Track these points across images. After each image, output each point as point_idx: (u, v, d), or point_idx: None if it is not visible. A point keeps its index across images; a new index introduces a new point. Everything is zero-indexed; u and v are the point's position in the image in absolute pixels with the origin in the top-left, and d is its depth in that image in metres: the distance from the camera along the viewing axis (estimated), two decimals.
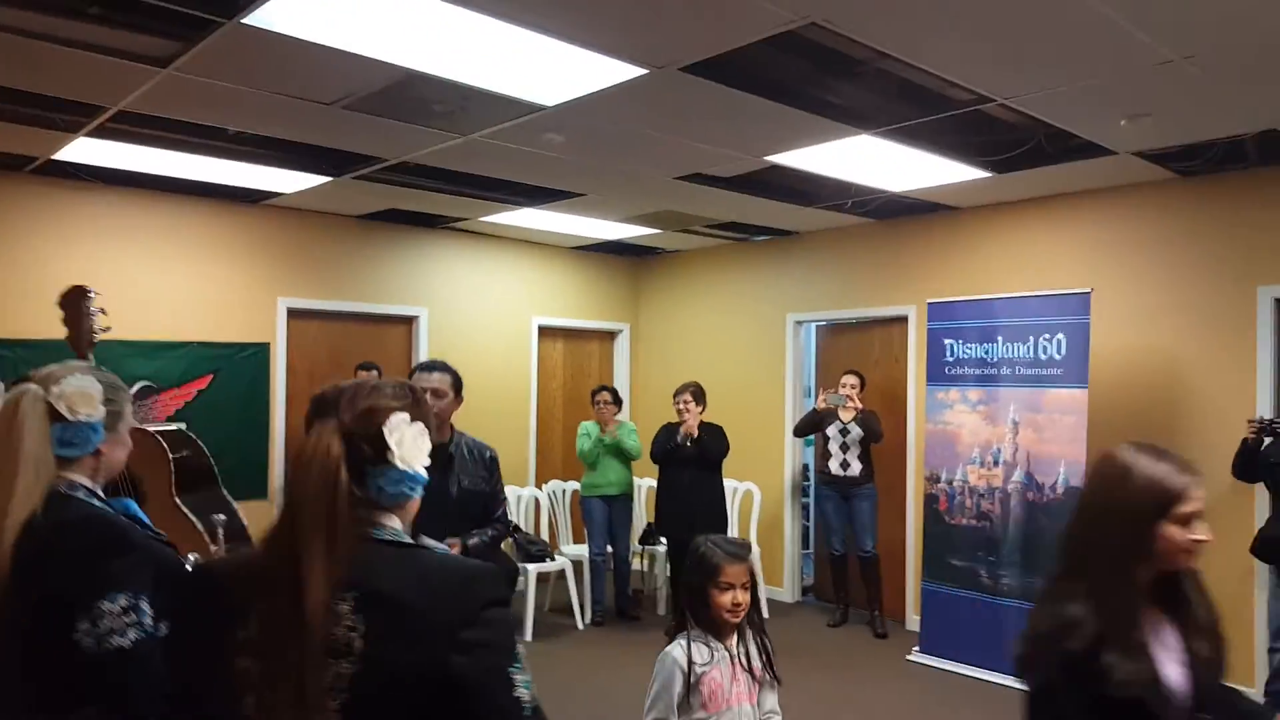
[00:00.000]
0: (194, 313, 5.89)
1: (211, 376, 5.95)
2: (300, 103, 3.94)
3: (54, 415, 1.70)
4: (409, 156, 4.87)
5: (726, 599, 2.41)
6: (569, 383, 7.81)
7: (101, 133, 4.47)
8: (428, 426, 1.37)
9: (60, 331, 3.45)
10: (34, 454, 1.67)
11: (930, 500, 5.64)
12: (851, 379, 6.23)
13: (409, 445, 1.31)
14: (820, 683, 5.21)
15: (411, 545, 1.32)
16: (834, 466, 6.25)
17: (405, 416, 1.32)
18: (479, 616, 1.23)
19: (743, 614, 2.45)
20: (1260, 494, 4.78)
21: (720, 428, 6.14)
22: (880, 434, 6.13)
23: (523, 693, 1.24)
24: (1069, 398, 5.05)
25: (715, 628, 2.46)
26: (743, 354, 7.43)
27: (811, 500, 7.09)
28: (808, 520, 7.47)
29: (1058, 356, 5.12)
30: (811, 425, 6.41)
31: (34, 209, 5.34)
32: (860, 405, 6.17)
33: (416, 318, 6.89)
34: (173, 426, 4.86)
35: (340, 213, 6.43)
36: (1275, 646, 4.52)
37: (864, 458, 6.17)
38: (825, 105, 3.97)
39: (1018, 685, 5.15)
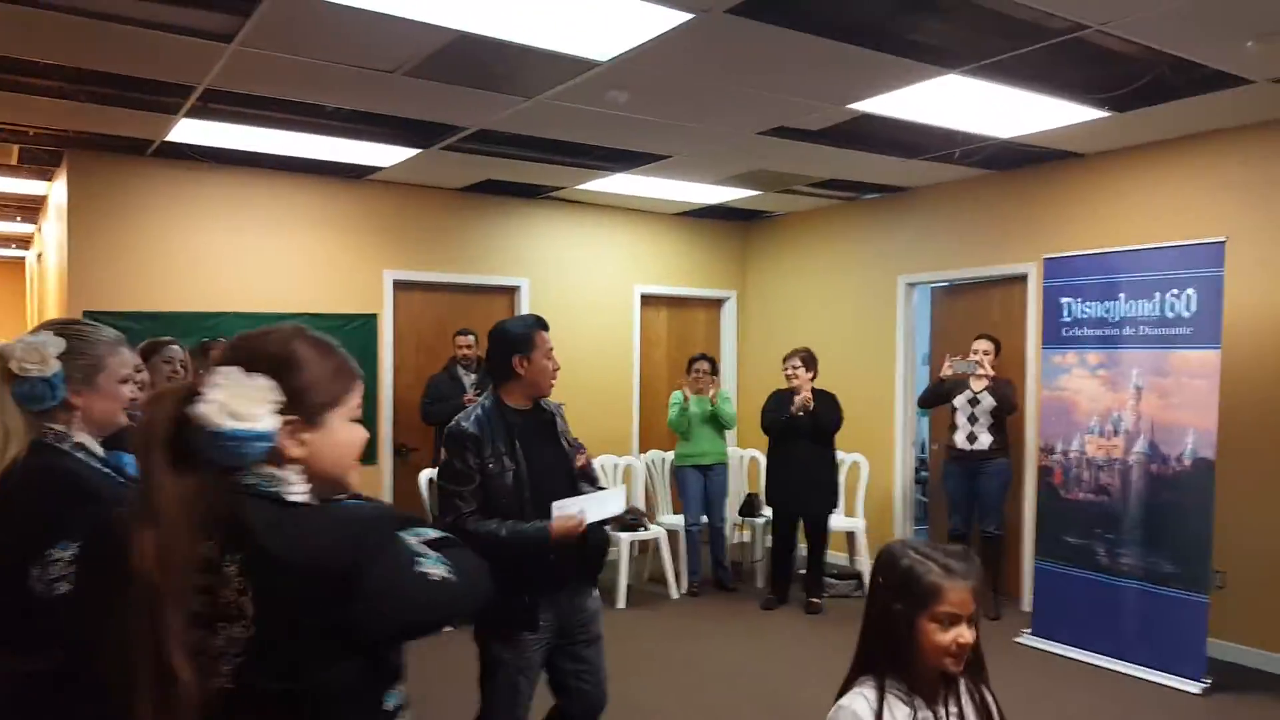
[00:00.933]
0: (305, 286, 6.14)
1: None
2: (362, 71, 3.99)
3: (10, 375, 1.76)
4: (486, 124, 4.87)
5: (947, 638, 1.61)
6: (673, 352, 7.68)
7: (199, 113, 4.70)
8: (308, 377, 1.28)
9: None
10: None
11: (1045, 473, 5.22)
12: (984, 344, 5.68)
13: (223, 403, 1.19)
14: None
15: (294, 502, 1.25)
16: (960, 439, 5.71)
17: (232, 372, 1.23)
18: (367, 567, 1.18)
19: (965, 659, 1.65)
20: None
21: (834, 396, 5.91)
22: (1015, 405, 5.58)
23: (437, 570, 1.26)
24: (1198, 360, 4.54)
25: (921, 678, 1.67)
26: (852, 319, 7.11)
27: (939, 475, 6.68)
28: (924, 495, 7.11)
29: (1186, 314, 4.61)
30: (938, 396, 5.90)
31: (156, 189, 5.70)
32: (993, 373, 5.63)
33: (518, 288, 6.95)
34: None
35: (441, 185, 6.54)
36: None
37: (996, 429, 5.61)
38: (899, 42, 3.67)
39: (1134, 671, 4.71)
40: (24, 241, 9.37)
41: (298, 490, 1.25)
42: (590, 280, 7.25)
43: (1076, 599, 4.99)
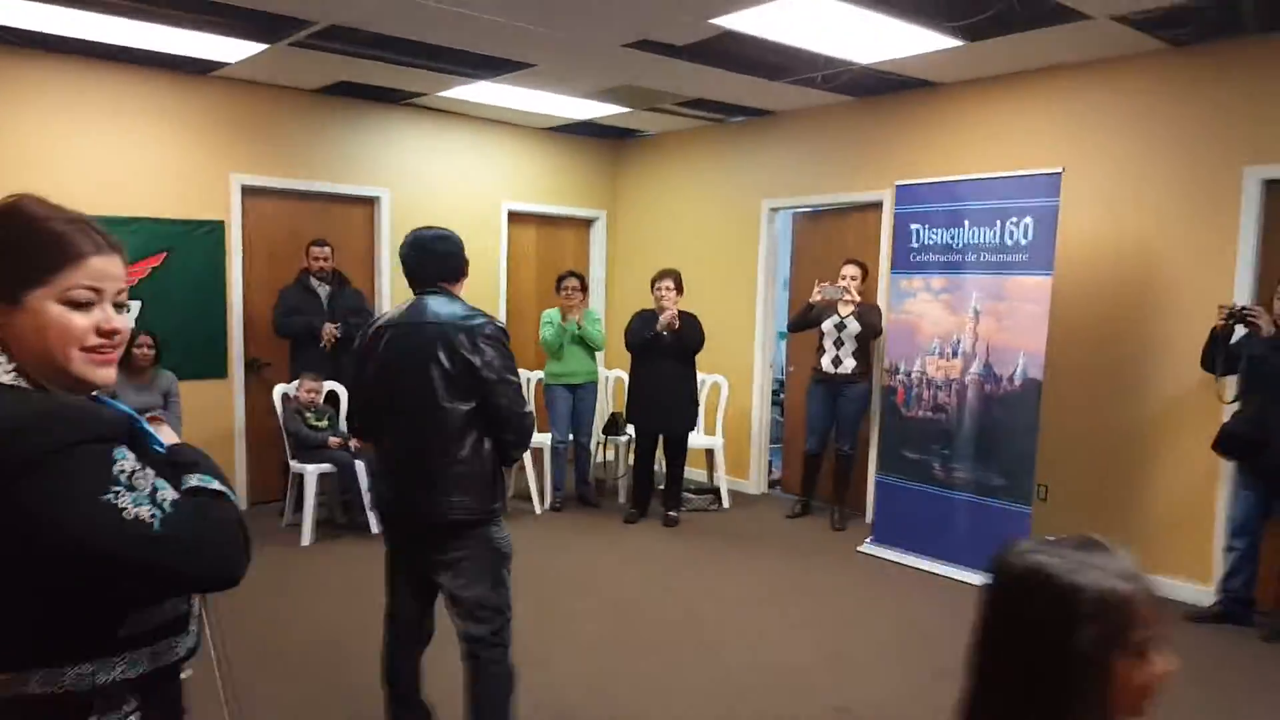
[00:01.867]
0: (145, 188, 5.74)
1: (165, 254, 5.84)
2: None
3: None
4: (338, 20, 4.61)
5: (1152, 672, 1.10)
6: (542, 271, 7.60)
7: None
8: None
9: None
10: None
11: (889, 393, 5.46)
12: (852, 269, 5.75)
13: None
14: (769, 570, 5.16)
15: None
16: (825, 363, 5.85)
17: None
18: (35, 466, 1.05)
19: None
20: (1229, 388, 4.53)
21: (696, 317, 5.98)
22: (879, 329, 5.69)
23: (139, 511, 1.09)
24: (1032, 285, 4.80)
25: None
26: (718, 242, 7.19)
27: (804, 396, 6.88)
28: (780, 415, 7.35)
29: (1024, 241, 4.84)
30: (806, 321, 5.96)
31: None
32: (859, 298, 5.76)
33: (378, 199, 6.70)
34: None
35: (293, 86, 6.18)
36: (1234, 545, 4.39)
37: (860, 354, 5.76)
38: None
39: (964, 576, 5.01)
40: None
41: (2, 370, 1.14)
42: (455, 195, 7.05)
43: (914, 510, 5.29)
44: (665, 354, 5.90)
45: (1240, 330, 4.28)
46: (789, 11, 4.24)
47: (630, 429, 6.34)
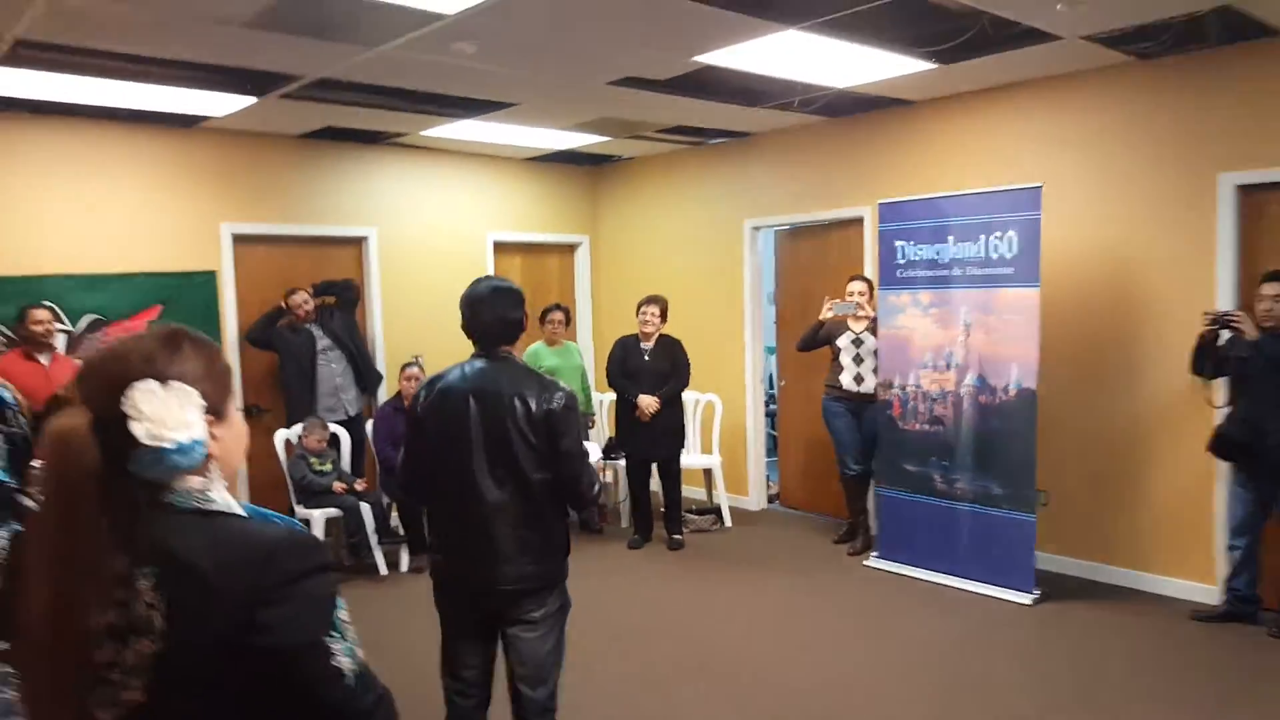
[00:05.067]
0: (138, 243, 5.76)
1: (161, 307, 5.87)
2: (196, 23, 3.73)
3: None
4: (328, 73, 4.66)
5: None
6: (530, 298, 7.59)
7: (12, 61, 4.27)
8: (201, 371, 1.24)
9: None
10: None
11: (885, 406, 5.55)
12: (859, 285, 5.68)
13: (157, 418, 1.17)
14: (779, 590, 5.24)
15: (213, 513, 1.22)
16: (846, 381, 5.75)
17: (151, 385, 1.18)
18: (280, 593, 1.16)
19: None
20: (1219, 392, 4.66)
21: (679, 343, 6.06)
22: None
23: (343, 661, 1.20)
24: (1020, 297, 4.91)
25: None
26: (702, 263, 7.27)
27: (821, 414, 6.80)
28: (774, 429, 7.44)
29: (1009, 255, 4.95)
30: (816, 340, 5.85)
31: None
32: (872, 313, 5.70)
33: (366, 238, 6.74)
34: None
35: (278, 133, 6.22)
36: (1235, 544, 4.49)
37: (879, 370, 5.67)
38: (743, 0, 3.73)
39: (971, 588, 5.08)
40: None
41: (219, 493, 1.24)
42: (441, 228, 7.11)
43: (916, 523, 5.39)
44: (646, 387, 5.97)
45: (1226, 334, 4.41)
46: (767, 46, 4.33)
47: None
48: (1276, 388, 4.22)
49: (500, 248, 7.49)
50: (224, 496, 1.25)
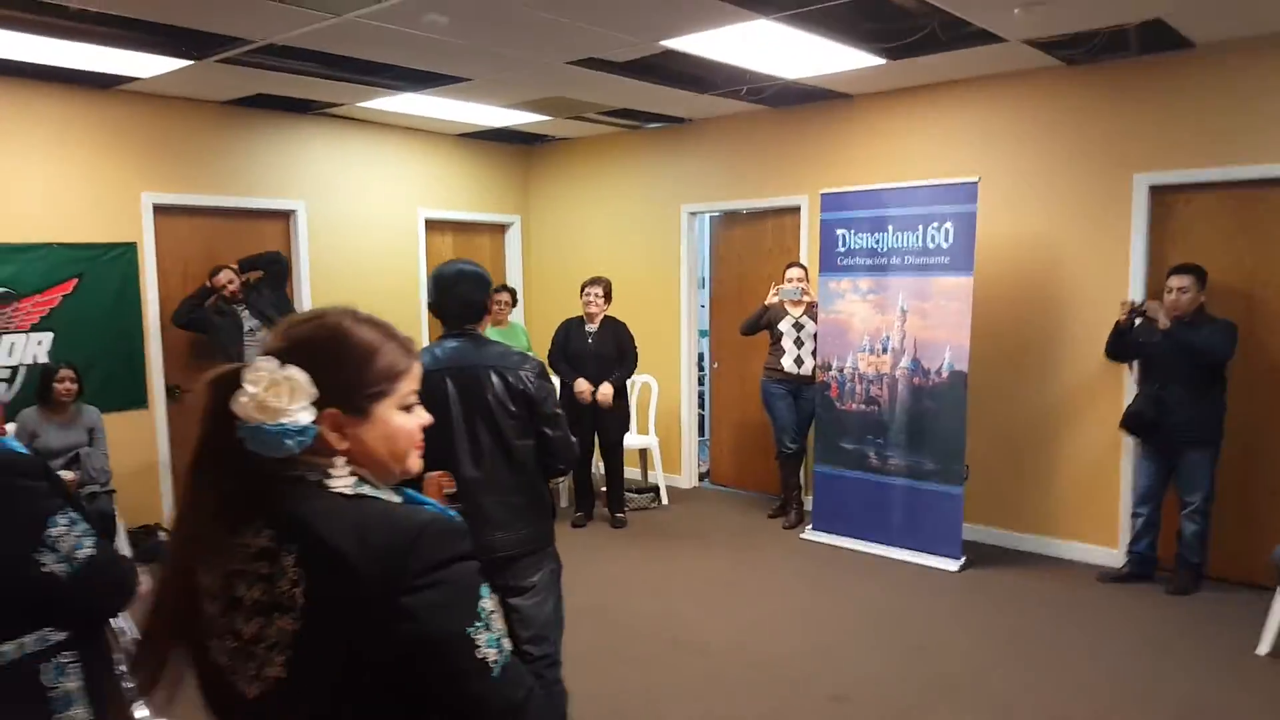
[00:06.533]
0: (51, 211, 5.41)
1: (76, 280, 5.53)
2: None
3: None
4: (278, 38, 4.50)
5: None
6: None
7: None
8: (315, 361, 1.21)
9: None
10: None
11: (823, 388, 5.79)
12: (798, 272, 5.91)
13: (257, 397, 1.16)
14: (725, 562, 5.41)
15: (358, 495, 1.21)
16: (787, 363, 5.97)
17: (270, 361, 1.19)
18: (425, 579, 1.13)
19: None
20: (1130, 374, 5.09)
21: (625, 325, 6.12)
22: None
23: (488, 652, 1.15)
24: (955, 285, 5.21)
25: None
26: (637, 246, 7.36)
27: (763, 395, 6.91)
28: (703, 409, 7.62)
29: (945, 245, 5.25)
30: (759, 325, 6.06)
31: None
32: (813, 298, 5.93)
33: (294, 211, 6.52)
34: None
35: (203, 98, 5.94)
36: (1139, 511, 4.92)
37: (817, 353, 5.89)
38: None
39: (903, 556, 5.39)
40: None
41: (341, 482, 1.21)
42: (373, 205, 6.94)
43: (851, 497, 5.66)
44: (591, 370, 6.02)
45: (1139, 321, 4.81)
46: (735, 34, 4.44)
47: None
48: (1181, 370, 4.64)
49: (432, 225, 7.38)
50: (350, 485, 1.23)
